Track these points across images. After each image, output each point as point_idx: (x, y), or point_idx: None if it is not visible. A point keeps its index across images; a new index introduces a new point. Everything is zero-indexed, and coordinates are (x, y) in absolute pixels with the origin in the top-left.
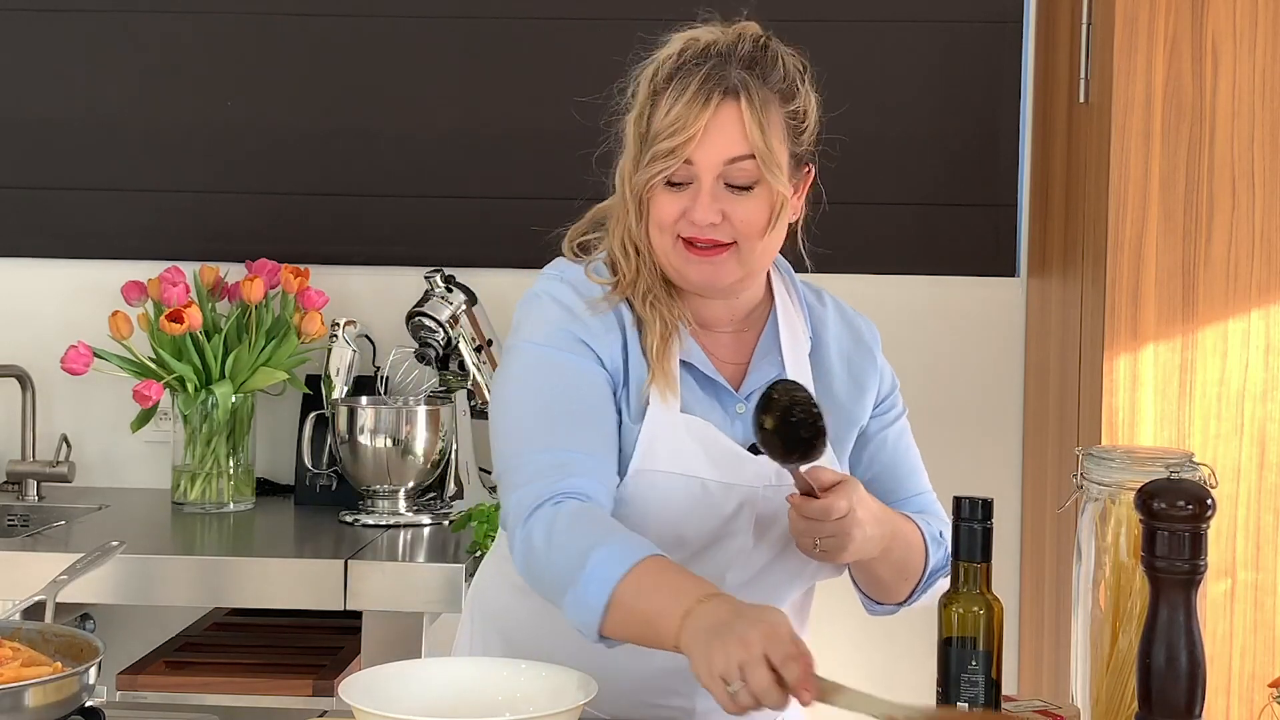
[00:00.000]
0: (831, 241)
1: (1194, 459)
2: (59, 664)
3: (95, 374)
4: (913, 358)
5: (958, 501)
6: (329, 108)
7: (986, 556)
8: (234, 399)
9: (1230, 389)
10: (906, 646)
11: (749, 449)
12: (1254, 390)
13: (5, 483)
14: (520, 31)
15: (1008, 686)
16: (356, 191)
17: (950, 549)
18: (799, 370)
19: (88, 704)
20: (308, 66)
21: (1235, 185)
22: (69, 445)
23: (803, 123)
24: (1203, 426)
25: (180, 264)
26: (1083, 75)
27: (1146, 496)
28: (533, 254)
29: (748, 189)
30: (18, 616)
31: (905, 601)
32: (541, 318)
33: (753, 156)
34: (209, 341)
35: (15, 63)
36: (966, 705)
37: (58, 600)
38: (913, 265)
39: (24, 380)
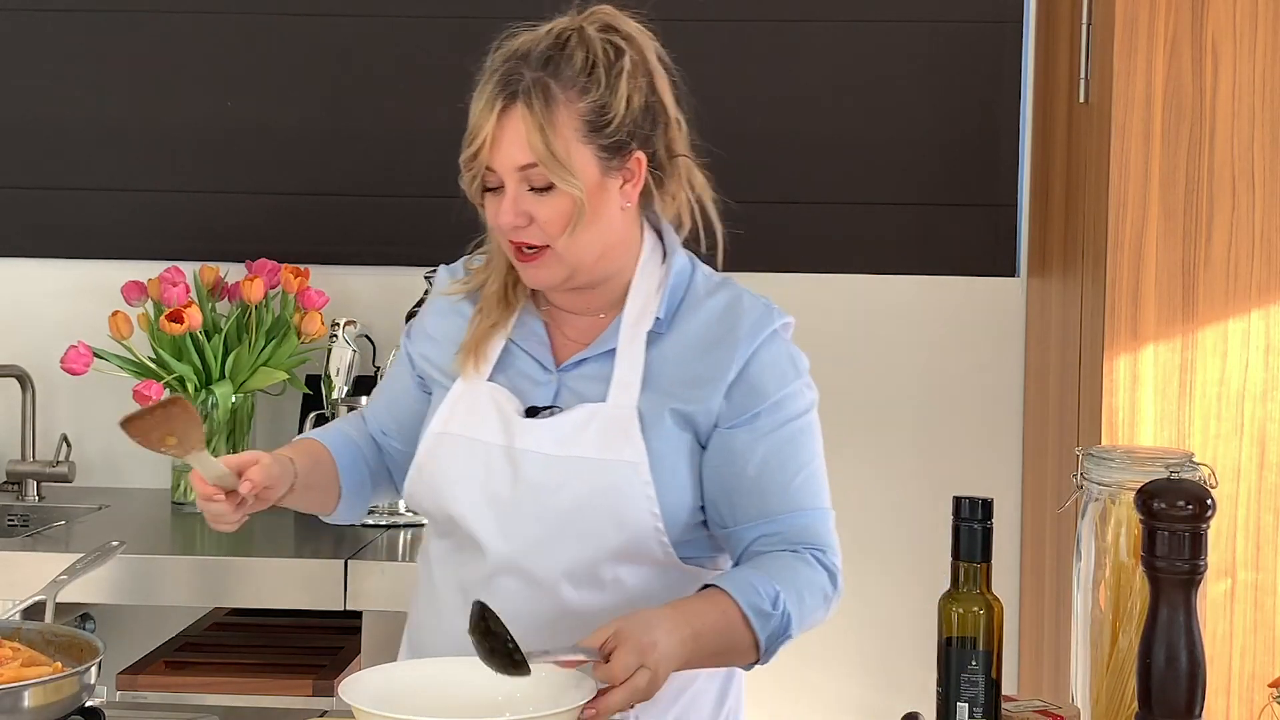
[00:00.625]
0: (832, 241)
1: (1194, 459)
2: (59, 664)
3: (95, 374)
4: (913, 358)
5: (958, 501)
6: (329, 108)
7: (986, 556)
8: (234, 399)
9: (1230, 389)
10: (906, 646)
11: (526, 412)
12: (1254, 390)
13: (5, 483)
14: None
15: (1008, 686)
16: (356, 191)
17: (825, 598)
18: (630, 351)
19: (88, 704)
20: (308, 66)
21: (1235, 185)
22: (69, 445)
23: (606, 114)
24: (1203, 426)
25: (180, 264)
26: (1083, 75)
27: (1146, 496)
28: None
29: (547, 189)
30: (18, 616)
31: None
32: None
33: (538, 164)
34: (209, 341)
35: (15, 63)
36: (966, 706)
37: (58, 600)
38: (913, 265)
39: (24, 380)
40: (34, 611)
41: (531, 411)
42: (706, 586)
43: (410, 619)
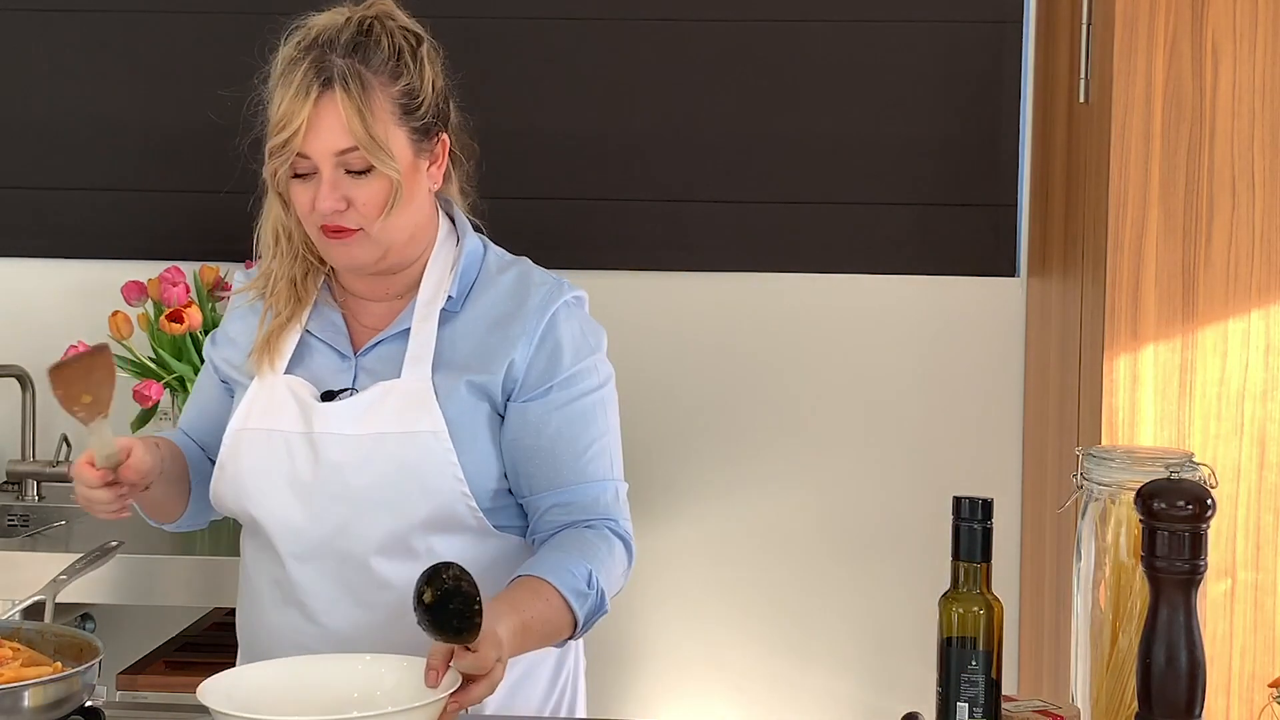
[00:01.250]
0: (832, 241)
1: (1194, 459)
2: (59, 664)
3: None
4: (913, 358)
5: (958, 501)
6: None
7: (986, 556)
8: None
9: (1230, 389)
10: (906, 646)
11: (323, 396)
12: (1254, 390)
13: (5, 483)
14: (509, 30)
15: (1008, 686)
16: None
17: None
18: (423, 329)
19: (88, 704)
20: None
21: (1235, 185)
22: (69, 445)
23: (416, 98)
24: (1203, 426)
25: (180, 264)
26: (1083, 75)
27: (1146, 496)
28: (533, 255)
29: (365, 173)
30: (18, 616)
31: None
32: None
33: (358, 147)
34: None
35: (15, 63)
36: (966, 706)
37: (57, 600)
38: (913, 265)
39: (24, 380)
40: (34, 611)
41: (328, 396)
42: (521, 576)
43: (238, 619)
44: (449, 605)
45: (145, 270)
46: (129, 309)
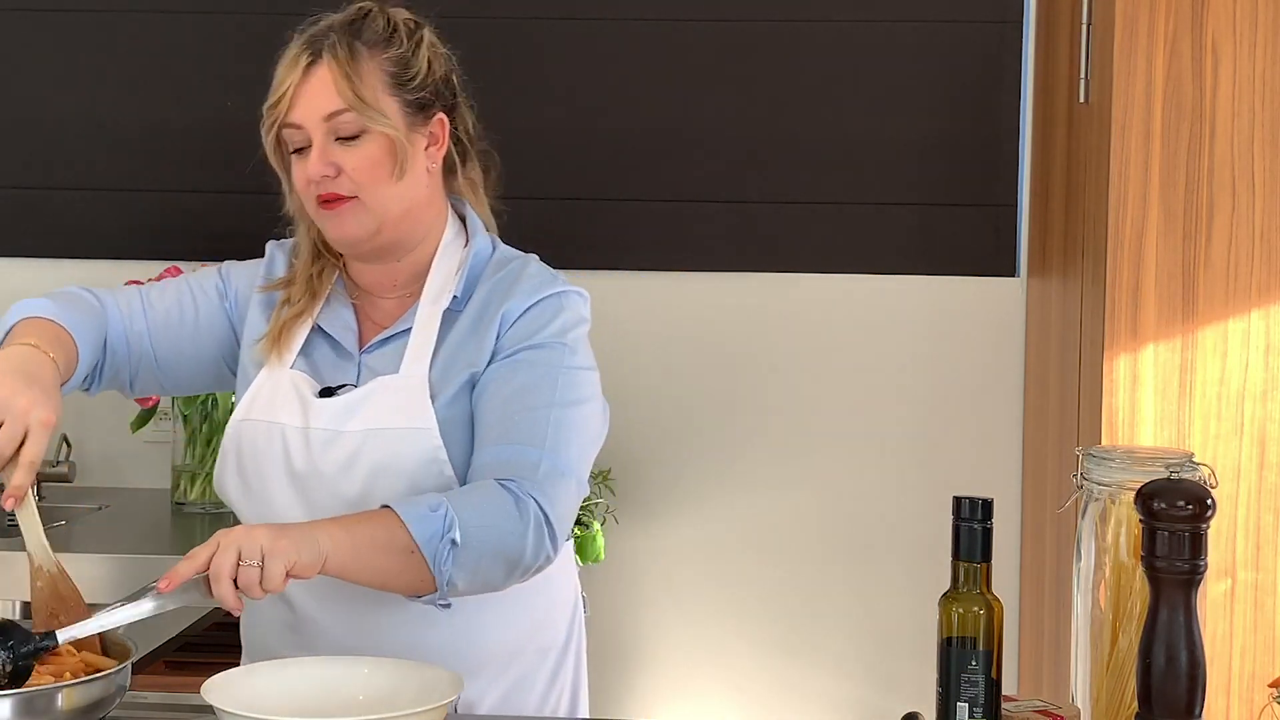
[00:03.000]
0: (832, 241)
1: (1194, 459)
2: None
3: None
4: (913, 358)
5: (958, 501)
6: None
7: (986, 556)
8: (234, 398)
9: (1230, 389)
10: (907, 646)
11: (321, 392)
12: (1254, 390)
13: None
14: (509, 30)
15: (1008, 686)
16: None
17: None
18: (425, 327)
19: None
20: None
21: (1235, 185)
22: (69, 445)
23: (409, 69)
24: (1203, 426)
25: (180, 264)
26: (1083, 75)
27: (1146, 496)
28: (536, 253)
29: (355, 138)
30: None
31: (439, 590)
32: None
33: (349, 109)
34: None
35: (15, 63)
36: (966, 706)
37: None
38: (913, 265)
39: None
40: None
41: (326, 392)
42: None
43: (241, 617)
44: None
45: (145, 270)
46: None
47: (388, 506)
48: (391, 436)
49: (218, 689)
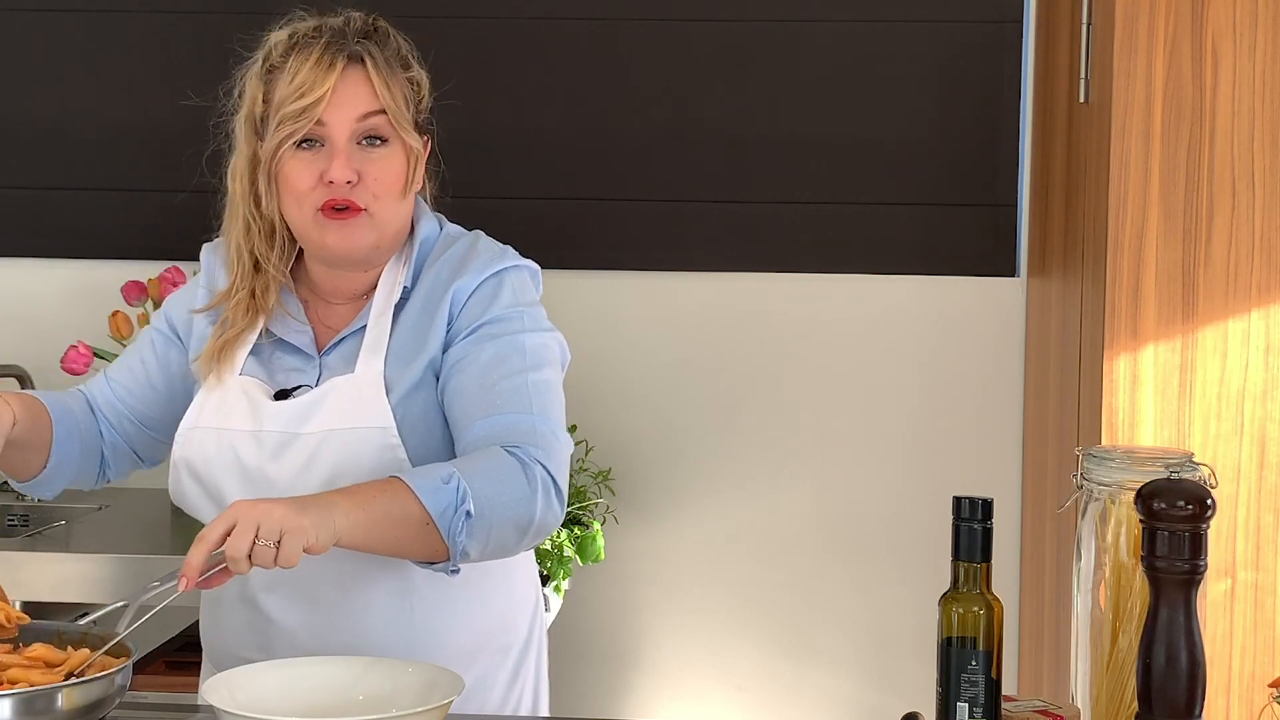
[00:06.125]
0: (832, 241)
1: (1194, 459)
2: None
3: (95, 374)
4: (913, 357)
5: (958, 501)
6: None
7: (986, 556)
8: None
9: (1230, 389)
10: (907, 646)
11: (276, 395)
12: (1254, 390)
13: (5, 483)
14: (509, 31)
15: (1008, 686)
16: None
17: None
18: (378, 323)
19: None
20: None
21: (1235, 185)
22: None
23: (419, 90)
24: (1203, 426)
25: (180, 264)
26: (1083, 75)
27: (1146, 496)
28: (533, 254)
29: (381, 145)
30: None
31: (452, 559)
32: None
33: (384, 112)
34: None
35: (15, 63)
36: (966, 706)
37: (57, 600)
38: (913, 265)
39: (24, 380)
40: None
41: (282, 394)
42: None
43: (201, 622)
44: None
45: (145, 270)
46: (129, 309)
47: (397, 478)
48: (349, 436)
49: (218, 689)
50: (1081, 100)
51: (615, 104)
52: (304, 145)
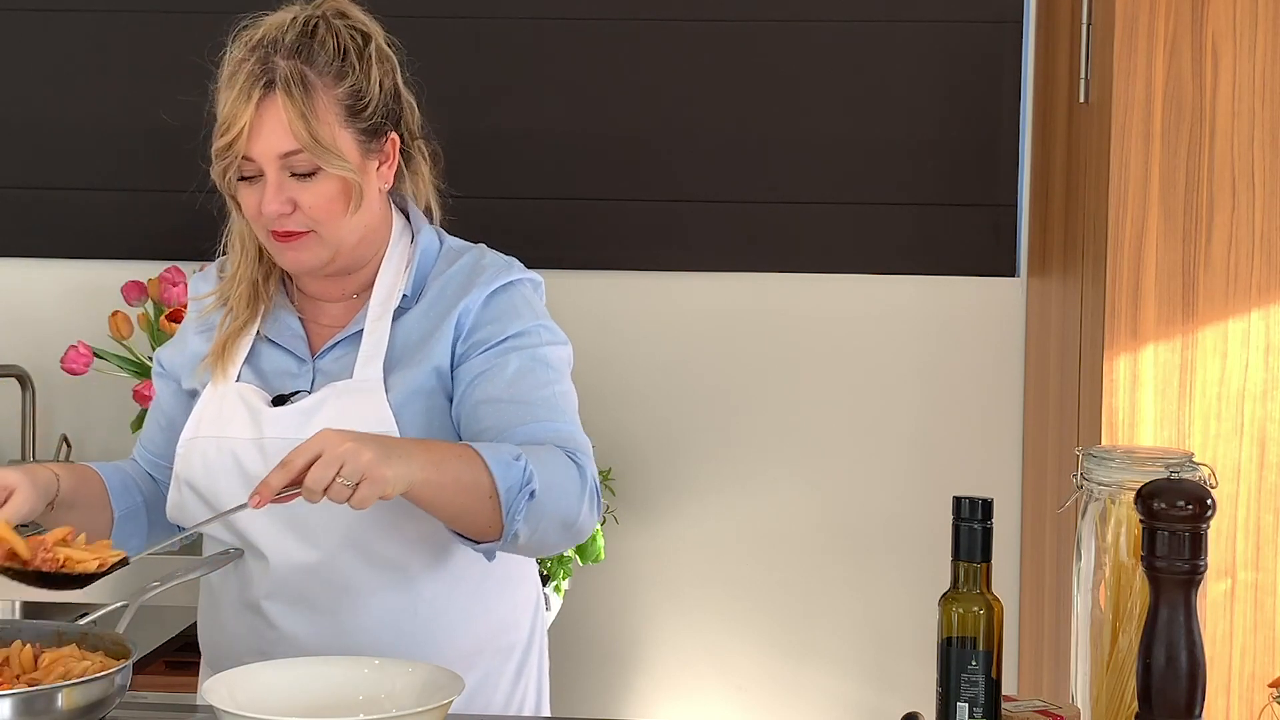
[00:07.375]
0: (832, 241)
1: (1194, 459)
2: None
3: (95, 374)
4: (913, 358)
5: (958, 501)
6: None
7: (986, 556)
8: None
9: (1230, 389)
10: (907, 646)
11: (274, 401)
12: (1254, 390)
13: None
14: (509, 31)
15: (1008, 686)
16: None
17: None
18: (377, 328)
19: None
20: None
21: (1235, 185)
22: (69, 445)
23: (363, 98)
24: (1203, 426)
25: (180, 264)
26: (1083, 75)
27: (1146, 496)
28: (534, 254)
29: (311, 175)
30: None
31: (502, 539)
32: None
33: (304, 150)
34: None
35: (15, 63)
36: (966, 706)
37: (58, 601)
38: (913, 265)
39: (24, 380)
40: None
41: (280, 400)
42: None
43: (199, 626)
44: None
45: (145, 270)
46: (129, 309)
47: (470, 445)
48: None
49: (217, 689)
50: (1081, 100)
51: (615, 104)
52: (243, 179)
